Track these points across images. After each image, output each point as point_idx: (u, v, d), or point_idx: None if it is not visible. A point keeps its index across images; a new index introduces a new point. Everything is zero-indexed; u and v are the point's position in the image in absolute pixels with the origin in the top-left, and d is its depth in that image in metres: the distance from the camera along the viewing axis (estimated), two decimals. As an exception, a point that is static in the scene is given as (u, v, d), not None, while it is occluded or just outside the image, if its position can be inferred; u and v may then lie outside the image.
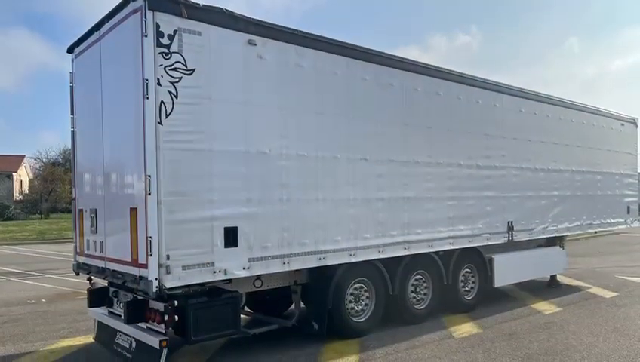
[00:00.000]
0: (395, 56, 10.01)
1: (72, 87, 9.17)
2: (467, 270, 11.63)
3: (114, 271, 7.81)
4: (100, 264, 8.26)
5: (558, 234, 13.95)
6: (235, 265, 7.59)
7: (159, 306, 7.28)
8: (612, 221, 16.01)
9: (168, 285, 6.90)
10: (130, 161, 7.33)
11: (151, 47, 6.84)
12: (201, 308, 7.39)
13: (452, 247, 10.85)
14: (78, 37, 8.82)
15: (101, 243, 8.25)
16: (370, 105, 9.47)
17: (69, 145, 9.84)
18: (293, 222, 8.29)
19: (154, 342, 7.27)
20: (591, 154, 14.96)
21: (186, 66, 7.13)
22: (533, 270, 13.60)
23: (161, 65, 6.89)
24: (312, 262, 8.58)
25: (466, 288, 11.63)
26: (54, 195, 60.11)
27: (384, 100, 9.70)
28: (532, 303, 12.37)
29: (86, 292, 9.01)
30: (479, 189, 11.42)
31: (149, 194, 6.79)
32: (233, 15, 7.72)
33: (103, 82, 8.15)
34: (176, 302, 7.21)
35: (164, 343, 7.20)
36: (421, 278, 10.61)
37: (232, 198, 7.60)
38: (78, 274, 9.16)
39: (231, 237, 7.54)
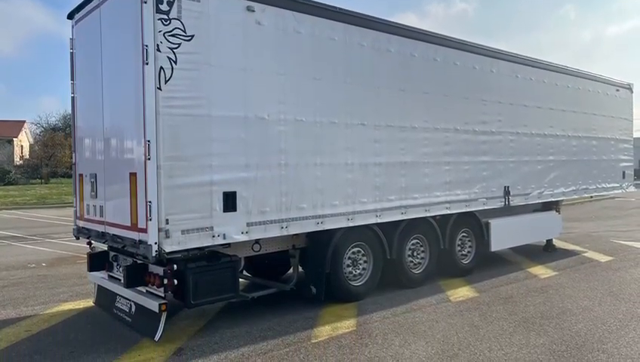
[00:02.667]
0: (392, 22, 9.97)
1: (72, 53, 9.14)
2: (464, 234, 11.75)
3: (114, 235, 7.90)
4: (100, 228, 8.35)
5: (554, 199, 14.04)
6: (233, 230, 7.67)
7: (158, 270, 7.37)
8: (607, 186, 16.12)
9: (167, 249, 6.98)
10: (130, 126, 7.37)
11: (150, 13, 6.82)
12: (200, 272, 7.47)
13: (449, 212, 10.94)
14: (79, 3, 8.78)
15: (101, 207, 8.33)
16: (367, 70, 9.46)
17: (70, 111, 9.85)
18: (291, 186, 8.35)
19: (153, 305, 7.39)
20: (587, 119, 14.98)
21: (185, 32, 7.12)
22: (530, 234, 13.74)
23: (160, 31, 6.88)
24: (310, 227, 8.66)
25: (463, 252, 11.75)
26: (54, 160, 59.91)
27: (382, 66, 9.69)
28: (528, 267, 12.50)
29: (86, 256, 9.13)
30: (476, 154, 11.47)
31: (149, 159, 6.84)
32: (232, -19, 7.67)
33: (102, 48, 8.14)
34: (175, 266, 7.27)
35: (164, 307, 7.32)
36: (418, 243, 10.72)
37: (230, 163, 7.64)
38: (78, 238, 9.25)
39: (230, 201, 7.60)
